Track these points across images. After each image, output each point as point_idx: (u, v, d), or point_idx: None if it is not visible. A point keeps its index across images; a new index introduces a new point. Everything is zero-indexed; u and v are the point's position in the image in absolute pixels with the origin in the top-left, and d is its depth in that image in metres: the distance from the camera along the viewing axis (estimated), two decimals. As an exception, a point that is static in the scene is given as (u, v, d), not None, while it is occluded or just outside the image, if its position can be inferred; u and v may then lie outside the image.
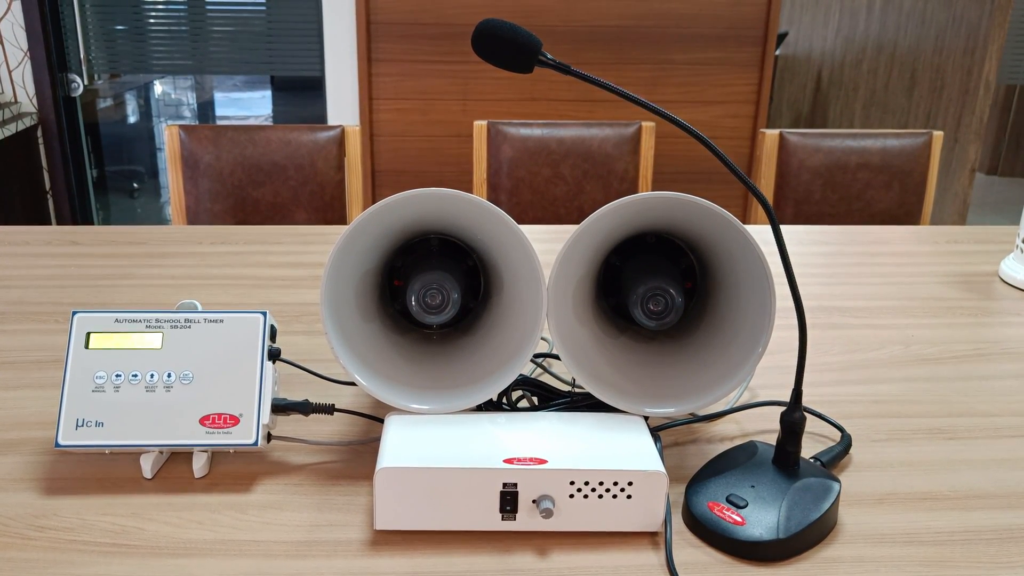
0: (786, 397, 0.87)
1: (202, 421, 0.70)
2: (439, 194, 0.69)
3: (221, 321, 0.72)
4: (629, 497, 0.64)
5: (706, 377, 0.73)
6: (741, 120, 3.27)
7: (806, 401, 0.87)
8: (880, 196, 1.73)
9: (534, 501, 0.64)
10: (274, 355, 0.74)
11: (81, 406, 0.70)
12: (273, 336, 0.74)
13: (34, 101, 2.86)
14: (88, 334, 0.71)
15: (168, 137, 1.66)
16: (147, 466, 0.71)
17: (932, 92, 3.58)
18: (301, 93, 3.72)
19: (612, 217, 0.71)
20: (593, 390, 0.72)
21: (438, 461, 0.64)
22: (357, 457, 0.75)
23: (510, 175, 1.78)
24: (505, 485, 0.64)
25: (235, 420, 0.70)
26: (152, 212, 3.78)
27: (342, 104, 3.04)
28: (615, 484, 0.64)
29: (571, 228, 1.42)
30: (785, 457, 0.68)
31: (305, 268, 1.20)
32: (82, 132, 3.02)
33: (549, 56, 0.66)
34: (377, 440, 0.77)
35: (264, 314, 0.73)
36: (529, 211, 1.80)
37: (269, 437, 0.72)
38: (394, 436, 0.68)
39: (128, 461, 0.73)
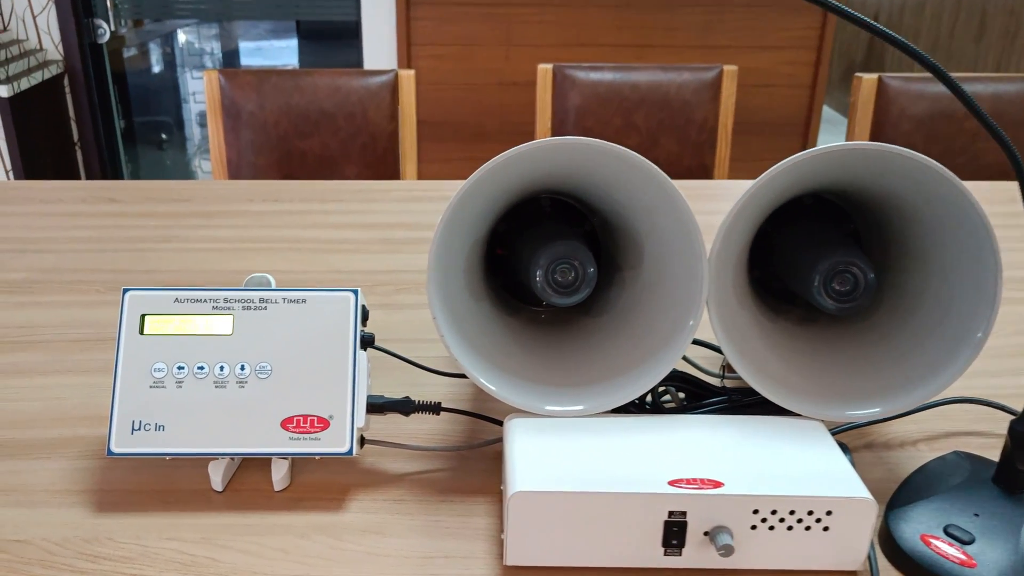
0: (984, 390, 0.73)
1: (284, 424, 0.57)
2: (579, 144, 0.55)
3: (303, 301, 0.59)
4: (826, 529, 0.51)
5: (904, 372, 0.59)
6: (800, 67, 3.07)
7: (1004, 396, 0.72)
8: (989, 148, 1.56)
9: (706, 533, 0.51)
10: (367, 342, 0.61)
11: (138, 405, 0.57)
12: (364, 319, 0.61)
13: (60, 48, 2.72)
14: (143, 317, 0.58)
15: (207, 84, 1.52)
16: (217, 477, 0.58)
17: (1004, 38, 3.35)
18: (330, 41, 3.55)
19: (789, 175, 0.57)
20: (762, 388, 0.58)
21: (588, 483, 0.51)
22: (464, 464, 0.62)
23: (577, 124, 1.63)
24: (671, 514, 0.51)
25: (324, 423, 0.57)
26: (181, 165, 3.66)
27: (379, 50, 2.88)
28: (810, 513, 0.51)
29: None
30: (1014, 478, 0.54)
31: (371, 229, 1.07)
32: (109, 81, 2.88)
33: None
34: (489, 444, 0.64)
35: (355, 293, 0.60)
36: (598, 165, 1.65)
37: (362, 441, 0.60)
38: (522, 448, 0.55)
39: (192, 467, 0.61)
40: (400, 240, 1.03)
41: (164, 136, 3.59)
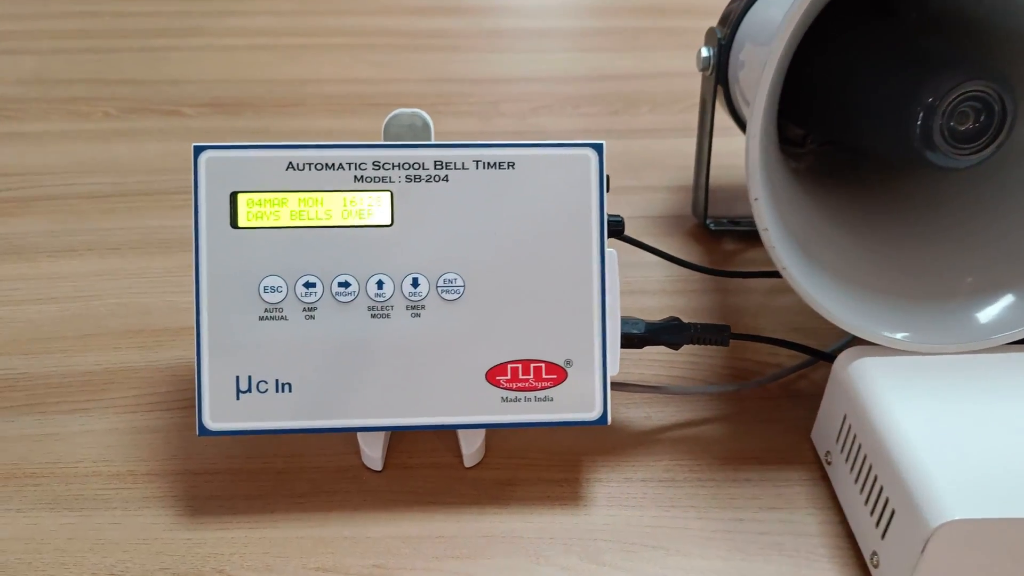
0: None
1: (492, 378, 0.34)
2: None
3: (511, 166, 0.34)
4: None
5: None
6: None
7: None
8: None
9: None
10: (617, 231, 0.36)
11: (243, 351, 0.33)
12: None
13: None
14: (234, 197, 0.33)
15: None
16: (376, 450, 0.36)
17: None
18: None
19: None
20: None
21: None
22: (740, 409, 0.40)
23: None
24: None
25: (559, 374, 0.34)
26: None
27: None
28: None
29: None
30: None
31: (463, 15, 0.78)
32: None
33: None
34: (779, 378, 0.42)
35: (598, 148, 0.35)
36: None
37: (597, 387, 0.37)
38: (911, 424, 0.32)
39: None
40: (512, 32, 0.75)
41: None
